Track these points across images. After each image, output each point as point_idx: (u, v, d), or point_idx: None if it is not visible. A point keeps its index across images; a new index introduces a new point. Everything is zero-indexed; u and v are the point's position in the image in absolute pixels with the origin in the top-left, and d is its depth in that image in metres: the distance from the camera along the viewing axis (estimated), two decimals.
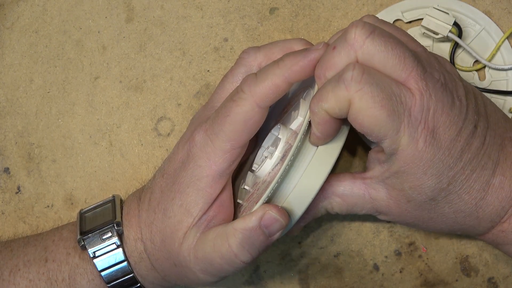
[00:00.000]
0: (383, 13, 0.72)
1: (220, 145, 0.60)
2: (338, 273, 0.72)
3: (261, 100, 0.59)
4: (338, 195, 0.63)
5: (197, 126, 0.62)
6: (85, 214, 0.67)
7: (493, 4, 0.71)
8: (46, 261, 0.65)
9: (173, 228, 0.62)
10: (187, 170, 0.61)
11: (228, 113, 0.60)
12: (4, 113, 0.75)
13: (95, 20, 0.75)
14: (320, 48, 0.59)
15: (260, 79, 0.59)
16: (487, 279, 0.71)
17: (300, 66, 0.58)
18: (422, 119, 0.56)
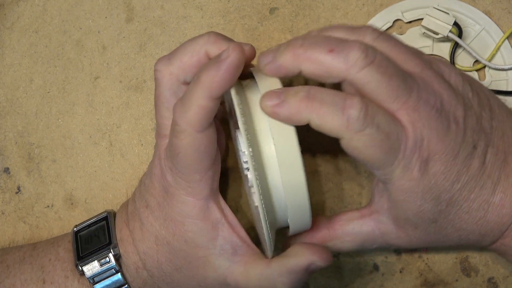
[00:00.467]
0: (383, 13, 0.72)
1: (190, 179, 0.60)
2: (338, 273, 0.72)
3: (198, 125, 0.57)
4: (348, 235, 0.63)
5: (159, 161, 0.62)
6: (79, 233, 0.67)
7: (493, 4, 0.71)
8: (44, 282, 0.65)
9: (191, 259, 0.62)
10: (173, 208, 0.61)
11: (177, 151, 0.58)
12: (4, 113, 0.75)
13: (95, 20, 0.75)
14: (230, 54, 0.55)
15: (187, 106, 0.57)
16: (487, 279, 0.71)
17: (218, 80, 0.55)
18: (416, 150, 0.56)
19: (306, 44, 0.57)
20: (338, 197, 0.72)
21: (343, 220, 0.64)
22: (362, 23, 0.72)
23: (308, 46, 0.57)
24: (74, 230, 0.67)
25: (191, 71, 0.60)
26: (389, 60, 0.57)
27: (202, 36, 0.60)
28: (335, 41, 0.57)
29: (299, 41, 0.57)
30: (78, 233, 0.67)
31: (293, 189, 0.58)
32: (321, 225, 0.64)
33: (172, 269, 0.63)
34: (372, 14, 0.72)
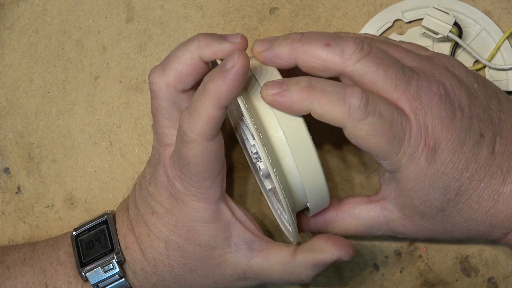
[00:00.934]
0: (383, 13, 0.71)
1: (201, 186, 0.60)
2: (338, 273, 0.72)
3: (208, 134, 0.57)
4: (354, 218, 0.63)
5: (164, 170, 0.62)
6: (79, 237, 0.66)
7: (493, 4, 0.71)
8: (46, 287, 0.65)
9: (206, 260, 0.62)
10: (184, 214, 0.61)
11: (187, 161, 0.58)
12: (4, 113, 0.75)
13: (95, 20, 0.75)
14: (236, 63, 0.55)
15: (195, 117, 0.56)
16: (487, 279, 0.71)
17: (226, 90, 0.55)
18: (421, 138, 0.56)
19: (303, 38, 0.57)
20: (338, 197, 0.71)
21: (351, 203, 0.63)
22: (362, 23, 0.72)
23: (305, 40, 0.57)
24: (73, 234, 0.66)
25: (188, 79, 0.60)
26: (385, 52, 0.57)
27: (191, 41, 0.60)
28: (332, 36, 0.57)
29: (298, 35, 0.58)
30: (78, 237, 0.66)
31: (308, 171, 0.58)
32: (329, 206, 0.64)
33: (186, 272, 0.63)
34: (372, 14, 0.72)
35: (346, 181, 0.72)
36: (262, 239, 0.63)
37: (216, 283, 0.64)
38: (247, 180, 0.73)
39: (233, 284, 0.64)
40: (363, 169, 0.71)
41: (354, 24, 0.72)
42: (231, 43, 0.58)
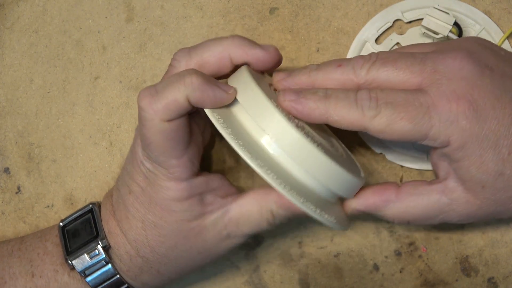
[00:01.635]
0: (383, 13, 0.71)
1: (168, 165, 0.60)
2: (338, 273, 0.72)
3: (164, 115, 0.58)
4: (415, 200, 0.62)
5: (138, 148, 0.62)
6: (66, 227, 0.66)
7: (493, 4, 0.70)
8: (33, 276, 0.65)
9: (185, 233, 0.62)
10: (157, 192, 0.61)
11: (148, 141, 0.59)
12: (4, 113, 0.75)
13: (95, 20, 0.74)
14: (231, 93, 0.58)
15: (161, 96, 0.57)
16: (487, 279, 0.71)
17: (203, 94, 0.57)
18: (451, 103, 0.56)
19: (319, 66, 0.60)
20: None
21: (412, 184, 0.62)
22: (362, 23, 0.72)
23: (321, 67, 0.60)
24: (60, 225, 0.67)
25: (208, 70, 0.61)
26: (391, 52, 0.59)
27: (226, 38, 0.61)
28: (343, 59, 0.60)
29: (314, 65, 0.60)
30: (64, 228, 0.66)
31: (320, 169, 0.58)
32: (389, 187, 0.63)
33: (167, 249, 0.63)
34: (372, 14, 0.72)
35: None
36: (236, 193, 0.64)
37: (201, 252, 0.64)
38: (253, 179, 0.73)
39: (218, 247, 0.64)
40: (363, 169, 0.69)
41: (354, 24, 0.72)
42: (264, 50, 0.60)
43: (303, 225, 0.72)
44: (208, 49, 0.60)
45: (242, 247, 0.73)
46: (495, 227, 0.70)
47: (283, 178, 0.57)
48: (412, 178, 0.71)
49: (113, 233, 0.64)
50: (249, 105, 0.58)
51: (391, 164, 0.71)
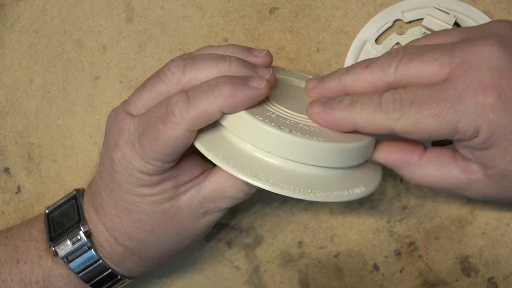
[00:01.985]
0: (383, 13, 0.71)
1: (150, 162, 0.59)
2: (338, 273, 0.72)
3: (192, 126, 0.57)
4: (436, 169, 0.60)
5: (119, 133, 0.60)
6: (51, 214, 0.66)
7: (493, 4, 0.70)
8: (17, 262, 0.65)
9: (160, 216, 0.62)
10: (126, 180, 0.60)
11: (158, 136, 0.57)
12: (4, 113, 0.75)
13: (95, 20, 0.74)
14: (263, 87, 0.57)
15: (193, 105, 0.57)
16: (487, 279, 0.71)
17: (236, 100, 0.56)
18: (478, 95, 0.54)
19: (348, 69, 0.60)
20: None
21: (437, 153, 0.61)
22: (362, 23, 0.71)
23: (350, 69, 0.59)
24: (46, 212, 0.67)
25: None
26: (418, 46, 0.57)
27: (224, 60, 0.59)
28: (370, 59, 0.59)
29: (344, 69, 0.60)
30: (50, 215, 0.66)
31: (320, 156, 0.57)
32: (414, 149, 0.61)
33: (144, 235, 0.62)
34: (372, 14, 0.71)
35: None
36: (209, 170, 0.63)
37: (179, 233, 0.63)
38: None
39: (196, 225, 0.63)
40: None
41: (354, 24, 0.72)
42: (257, 58, 0.61)
43: (303, 225, 0.72)
44: (203, 69, 0.59)
45: (242, 247, 0.73)
46: (495, 227, 0.70)
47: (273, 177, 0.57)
48: None
49: (92, 221, 0.64)
50: (231, 125, 0.58)
51: None
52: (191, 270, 0.74)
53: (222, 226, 0.73)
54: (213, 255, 0.73)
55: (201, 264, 0.73)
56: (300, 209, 0.72)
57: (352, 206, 0.72)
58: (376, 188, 0.60)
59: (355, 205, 0.72)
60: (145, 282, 0.74)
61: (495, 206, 0.70)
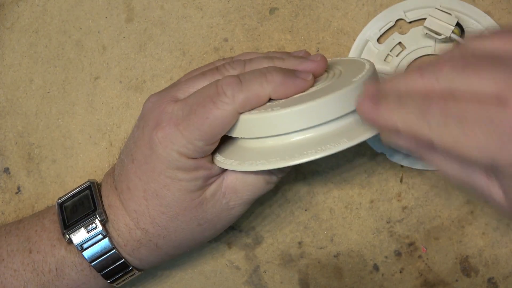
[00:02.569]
0: (385, 12, 0.71)
1: (194, 142, 0.59)
2: (338, 273, 0.72)
3: (242, 107, 0.59)
4: None
5: (162, 114, 0.61)
6: (64, 204, 0.66)
7: (493, 5, 0.70)
8: (30, 252, 0.65)
9: (186, 205, 0.62)
10: (162, 160, 0.61)
11: (207, 115, 0.58)
12: (4, 113, 0.74)
13: (95, 20, 0.74)
14: (310, 79, 0.60)
15: (245, 87, 0.59)
16: (487, 279, 0.71)
17: (286, 87, 0.59)
18: None
19: (404, 76, 0.55)
20: (338, 197, 0.72)
21: None
22: (362, 23, 0.71)
23: (403, 76, 0.54)
24: (58, 201, 0.67)
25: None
26: (475, 56, 0.52)
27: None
28: (424, 66, 0.53)
29: (399, 76, 0.55)
30: (62, 204, 0.66)
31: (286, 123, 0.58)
32: None
33: (167, 220, 0.63)
34: (372, 14, 0.71)
35: (346, 181, 0.72)
36: None
37: (201, 224, 0.64)
38: None
39: (218, 218, 0.64)
40: (363, 169, 0.71)
41: (354, 24, 0.72)
42: (313, 63, 0.62)
43: (303, 225, 0.72)
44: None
45: (242, 247, 0.72)
46: (495, 227, 0.70)
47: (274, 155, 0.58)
48: (413, 178, 0.71)
49: (113, 206, 0.64)
50: None
51: (392, 163, 0.71)
52: (191, 270, 0.73)
53: None
54: (213, 255, 0.73)
55: (201, 264, 0.73)
56: (300, 209, 0.72)
57: (352, 206, 0.72)
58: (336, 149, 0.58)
59: (355, 205, 0.71)
60: (145, 282, 0.74)
61: None
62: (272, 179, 0.63)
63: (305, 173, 0.71)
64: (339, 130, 0.58)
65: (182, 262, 0.73)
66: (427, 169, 0.70)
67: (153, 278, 0.74)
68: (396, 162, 0.70)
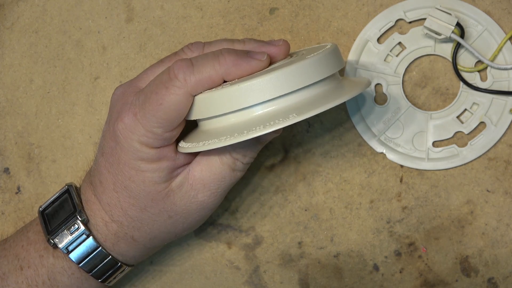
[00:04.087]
0: (385, 12, 0.71)
1: (152, 130, 0.59)
2: (338, 273, 0.72)
3: (195, 90, 0.59)
4: None
5: (124, 105, 0.61)
6: (45, 211, 0.66)
7: (493, 5, 0.70)
8: (21, 269, 0.64)
9: (153, 196, 0.62)
10: (125, 152, 0.61)
11: (161, 101, 0.58)
12: (4, 113, 0.74)
13: (95, 20, 0.74)
14: (264, 60, 0.59)
15: (197, 70, 0.58)
16: (487, 279, 0.70)
17: (239, 68, 0.59)
18: None
19: None
20: (338, 197, 0.71)
21: None
22: (362, 24, 0.71)
23: None
24: (39, 209, 0.66)
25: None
26: None
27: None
28: None
29: None
30: (44, 212, 0.66)
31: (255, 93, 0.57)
32: None
33: (138, 212, 0.63)
34: (372, 15, 0.71)
35: (346, 181, 0.71)
36: None
37: (172, 216, 0.63)
38: (247, 181, 0.72)
39: (188, 210, 0.63)
40: (363, 169, 0.71)
41: (354, 25, 0.71)
42: (274, 46, 0.62)
43: (303, 225, 0.72)
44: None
45: (242, 247, 0.72)
46: (495, 227, 0.70)
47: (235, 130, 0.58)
48: (413, 179, 0.70)
49: (89, 201, 0.64)
50: None
51: (392, 164, 0.70)
52: (191, 270, 0.73)
53: (222, 227, 0.73)
54: (213, 255, 0.73)
55: (201, 264, 0.73)
56: (300, 209, 0.72)
57: (352, 206, 0.71)
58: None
59: (355, 205, 0.71)
60: (145, 282, 0.74)
61: (495, 206, 0.70)
62: (237, 165, 0.62)
63: (305, 173, 0.71)
64: (294, 105, 0.58)
65: (182, 262, 0.73)
66: (427, 169, 0.70)
67: (153, 278, 0.73)
68: (396, 162, 0.70)
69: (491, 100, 0.69)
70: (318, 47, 0.64)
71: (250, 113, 0.58)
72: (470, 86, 0.69)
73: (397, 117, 0.70)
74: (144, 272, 0.73)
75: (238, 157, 0.62)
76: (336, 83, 0.60)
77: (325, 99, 0.57)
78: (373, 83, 0.70)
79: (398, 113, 0.70)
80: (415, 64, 0.70)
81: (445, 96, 0.70)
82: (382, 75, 0.70)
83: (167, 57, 0.63)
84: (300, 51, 0.64)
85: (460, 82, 0.69)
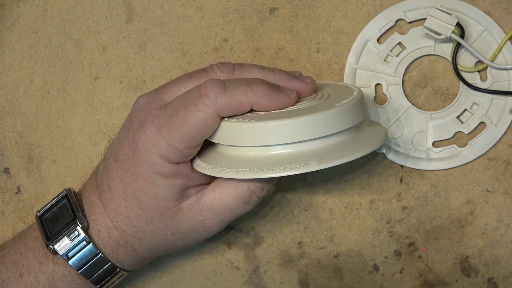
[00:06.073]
0: (385, 12, 0.70)
1: (174, 145, 0.59)
2: (338, 273, 0.72)
3: (223, 112, 0.59)
4: None
5: (147, 117, 0.61)
6: (43, 216, 0.66)
7: (493, 5, 0.70)
8: (21, 276, 0.64)
9: (161, 211, 0.62)
10: (143, 163, 0.61)
11: (188, 116, 0.58)
12: (4, 113, 0.74)
13: (95, 20, 0.74)
14: (293, 97, 0.60)
15: (229, 92, 0.59)
16: (487, 279, 0.70)
17: (269, 100, 0.59)
18: None
19: None
20: (338, 197, 0.71)
21: None
22: (362, 24, 0.71)
23: None
24: (37, 214, 0.66)
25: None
26: None
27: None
28: None
29: None
30: (42, 217, 0.66)
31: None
32: None
33: (143, 223, 0.63)
34: (372, 15, 0.71)
35: (346, 182, 0.71)
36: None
37: (175, 233, 0.64)
38: None
39: (192, 232, 0.64)
40: (363, 170, 0.71)
41: (354, 25, 0.71)
42: (302, 82, 0.63)
43: (303, 225, 0.72)
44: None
45: (242, 247, 0.72)
46: (495, 227, 0.70)
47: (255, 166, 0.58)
48: (413, 179, 0.70)
49: (93, 206, 0.64)
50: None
51: (392, 164, 0.70)
52: (191, 270, 0.73)
53: None
54: (213, 256, 0.73)
55: (201, 264, 0.73)
56: (300, 210, 0.72)
57: (352, 206, 0.71)
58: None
59: (355, 205, 0.71)
60: (145, 282, 0.74)
61: (495, 206, 0.70)
62: (252, 199, 0.63)
63: (305, 173, 0.70)
64: (314, 151, 0.58)
65: (182, 262, 0.73)
66: (427, 170, 0.70)
67: (153, 278, 0.73)
68: (396, 162, 0.70)
69: (491, 100, 0.69)
70: (345, 88, 0.64)
71: (268, 150, 0.59)
72: (470, 86, 0.69)
73: (397, 117, 0.70)
74: (144, 272, 0.73)
75: (255, 190, 0.62)
76: (356, 131, 0.61)
77: (345, 149, 0.58)
78: (373, 83, 0.70)
79: (398, 113, 0.70)
80: (415, 64, 0.70)
81: (445, 96, 0.69)
82: (382, 75, 0.70)
83: (195, 72, 0.63)
84: (325, 88, 0.65)
85: (460, 82, 0.69)
